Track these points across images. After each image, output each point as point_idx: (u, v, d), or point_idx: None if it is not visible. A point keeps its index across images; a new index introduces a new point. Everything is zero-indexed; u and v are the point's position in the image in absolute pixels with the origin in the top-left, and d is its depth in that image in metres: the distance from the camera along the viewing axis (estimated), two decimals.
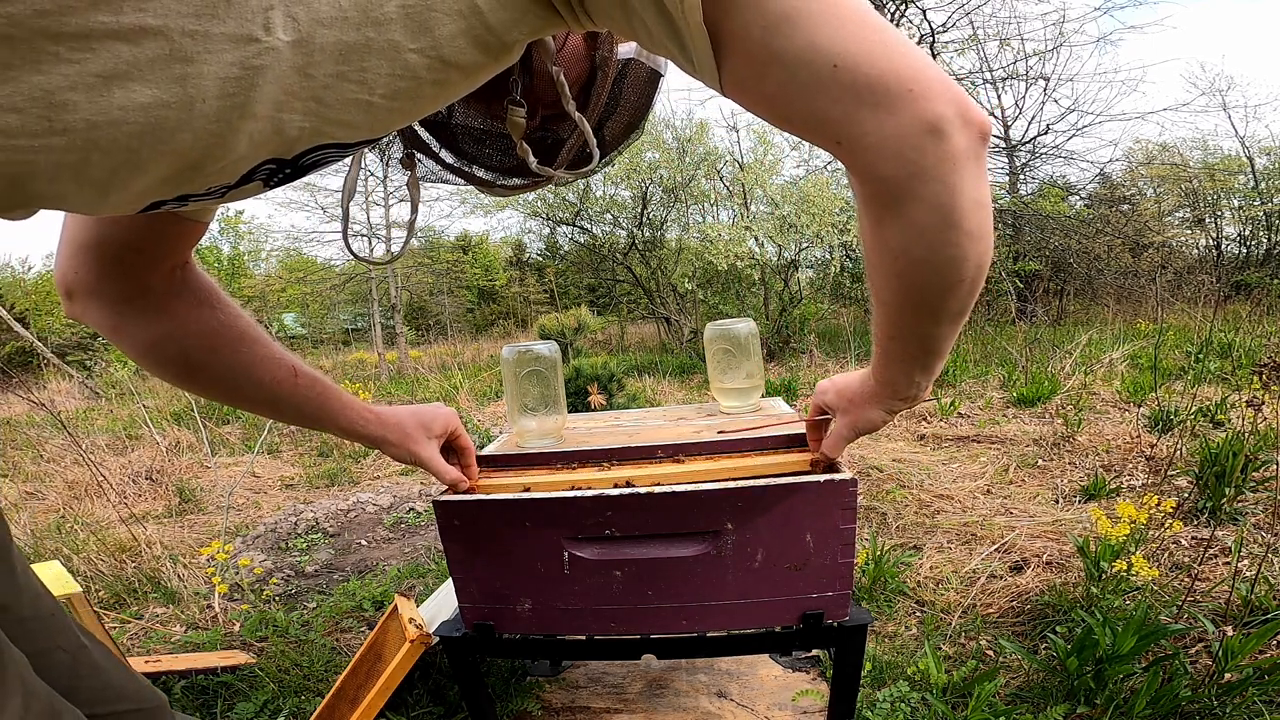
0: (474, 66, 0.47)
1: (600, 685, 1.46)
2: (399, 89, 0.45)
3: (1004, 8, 10.26)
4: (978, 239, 0.52)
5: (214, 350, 0.74)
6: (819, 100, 0.47)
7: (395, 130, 0.53)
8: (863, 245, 0.58)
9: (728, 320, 1.39)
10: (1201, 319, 6.78)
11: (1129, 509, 1.72)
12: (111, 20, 0.33)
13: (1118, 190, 12.85)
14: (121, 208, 0.44)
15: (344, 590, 2.13)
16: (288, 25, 0.38)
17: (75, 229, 0.66)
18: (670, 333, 9.68)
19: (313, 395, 0.83)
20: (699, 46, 0.47)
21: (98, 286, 0.68)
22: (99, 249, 0.66)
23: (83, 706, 0.80)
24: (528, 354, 1.27)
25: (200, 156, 0.41)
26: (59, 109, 0.34)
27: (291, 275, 15.80)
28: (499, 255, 21.70)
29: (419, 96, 0.46)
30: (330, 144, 0.47)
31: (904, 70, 0.46)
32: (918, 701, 1.36)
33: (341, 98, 0.43)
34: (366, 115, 0.45)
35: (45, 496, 3.45)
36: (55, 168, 0.36)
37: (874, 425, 0.82)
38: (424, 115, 0.51)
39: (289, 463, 4.24)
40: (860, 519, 2.49)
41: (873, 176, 0.49)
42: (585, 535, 0.93)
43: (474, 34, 0.45)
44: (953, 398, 4.33)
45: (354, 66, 0.42)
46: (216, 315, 0.74)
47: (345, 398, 0.87)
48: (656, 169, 8.59)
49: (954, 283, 0.55)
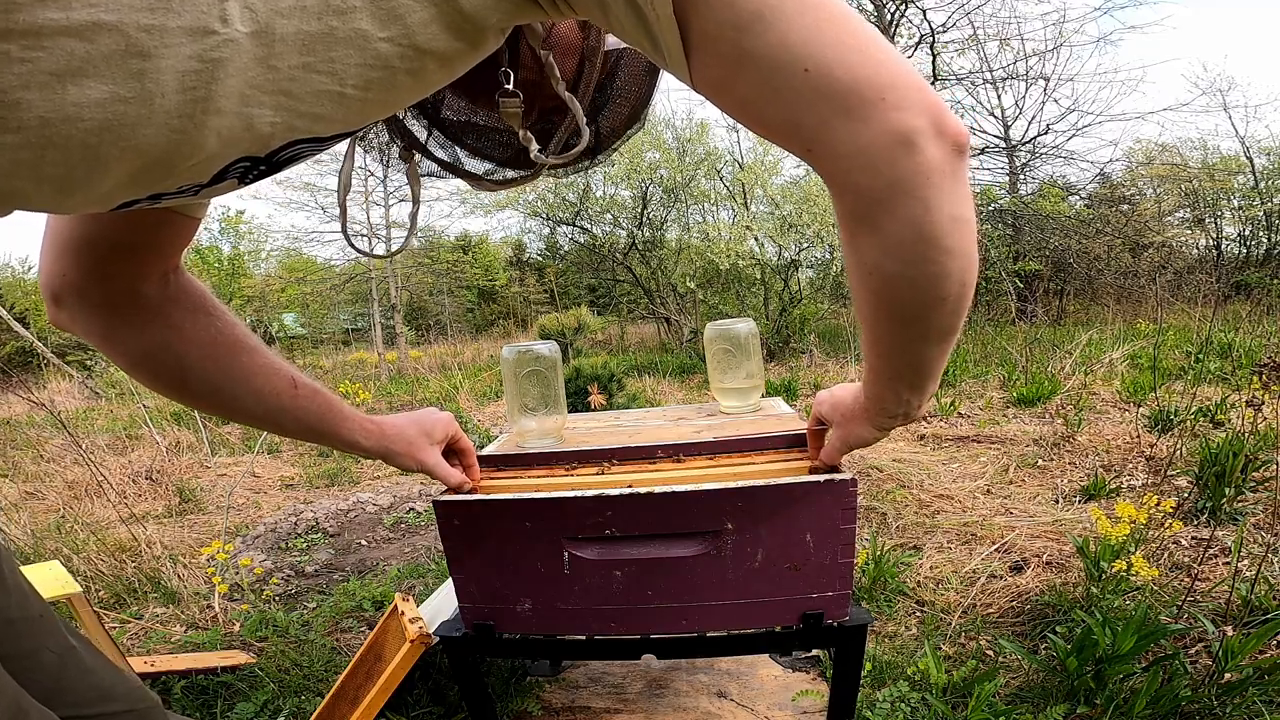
0: (451, 54, 0.46)
1: (600, 685, 1.46)
2: (372, 79, 0.44)
3: (1004, 8, 10.26)
4: (958, 256, 0.50)
5: (211, 359, 0.72)
6: (791, 105, 0.45)
7: (373, 121, 0.52)
8: (844, 261, 0.56)
9: (728, 320, 1.39)
10: (1201, 319, 6.78)
11: (1129, 509, 1.72)
12: (61, 17, 0.33)
13: (1118, 190, 12.85)
14: (89, 206, 0.44)
15: (344, 590, 2.13)
16: (245, 16, 0.37)
17: (59, 229, 0.63)
18: (670, 333, 9.68)
19: (313, 407, 0.81)
20: (669, 42, 0.45)
21: (86, 289, 0.65)
22: (87, 249, 0.63)
23: (71, 708, 0.80)
24: (528, 354, 1.27)
25: (167, 154, 0.40)
26: (11, 107, 0.34)
27: (291, 275, 15.80)
28: (499, 255, 21.69)
29: (394, 86, 0.45)
30: (305, 139, 0.46)
31: (878, 77, 0.44)
32: (918, 701, 1.36)
33: (311, 90, 0.42)
34: (340, 107, 0.44)
35: (45, 496, 3.45)
36: (12, 165, 0.36)
37: (864, 441, 0.80)
38: (404, 105, 0.50)
39: (289, 463, 4.24)
40: (860, 519, 2.49)
41: (846, 187, 0.48)
42: (585, 535, 0.93)
43: (447, 20, 0.44)
44: (953, 398, 4.33)
45: (320, 57, 0.41)
46: (213, 322, 0.72)
47: (346, 409, 0.85)
48: (656, 169, 8.59)
49: (935, 300, 0.52)
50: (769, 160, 8.40)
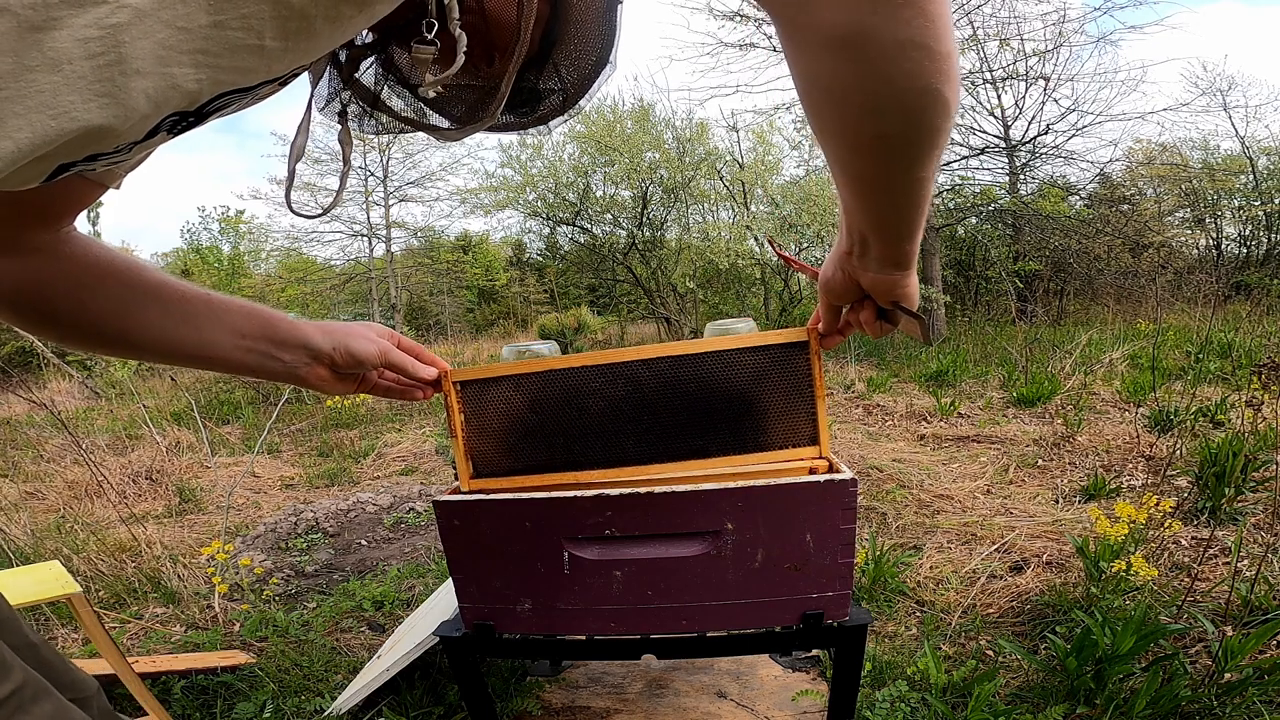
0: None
1: (600, 685, 1.46)
2: (290, 30, 0.44)
3: (1004, 8, 10.24)
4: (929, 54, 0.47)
5: (104, 278, 0.68)
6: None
7: (298, 67, 0.52)
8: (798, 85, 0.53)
9: (727, 320, 1.39)
10: (1201, 319, 6.78)
11: (1128, 509, 1.72)
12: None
13: (1118, 190, 12.85)
14: (29, 172, 0.45)
15: (344, 590, 2.13)
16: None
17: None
18: (670, 332, 9.68)
19: (240, 305, 0.77)
20: None
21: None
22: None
23: None
24: (528, 354, 1.27)
25: (103, 117, 0.42)
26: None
27: (291, 275, 15.82)
28: (499, 255, 21.70)
29: (314, 34, 0.46)
30: (230, 90, 0.47)
31: None
32: (917, 701, 1.36)
33: (228, 46, 0.43)
34: (261, 59, 0.45)
35: (45, 496, 3.46)
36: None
37: (833, 284, 0.75)
38: (331, 48, 0.51)
39: (289, 463, 4.24)
40: (860, 519, 2.49)
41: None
42: (585, 535, 0.93)
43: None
44: (953, 398, 4.33)
45: (231, 15, 0.42)
46: (106, 255, 0.69)
47: (276, 313, 0.80)
48: (656, 169, 8.60)
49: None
50: (769, 160, 8.42)
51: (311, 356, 0.81)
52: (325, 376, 0.84)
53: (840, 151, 0.57)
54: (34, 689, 0.70)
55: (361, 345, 0.84)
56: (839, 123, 0.53)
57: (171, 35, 0.41)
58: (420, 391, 0.95)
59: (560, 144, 9.14)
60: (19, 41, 0.37)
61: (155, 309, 0.72)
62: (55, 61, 0.39)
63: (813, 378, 0.94)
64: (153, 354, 0.75)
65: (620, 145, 8.33)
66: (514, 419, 1.00)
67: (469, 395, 1.00)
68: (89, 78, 0.40)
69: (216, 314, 0.76)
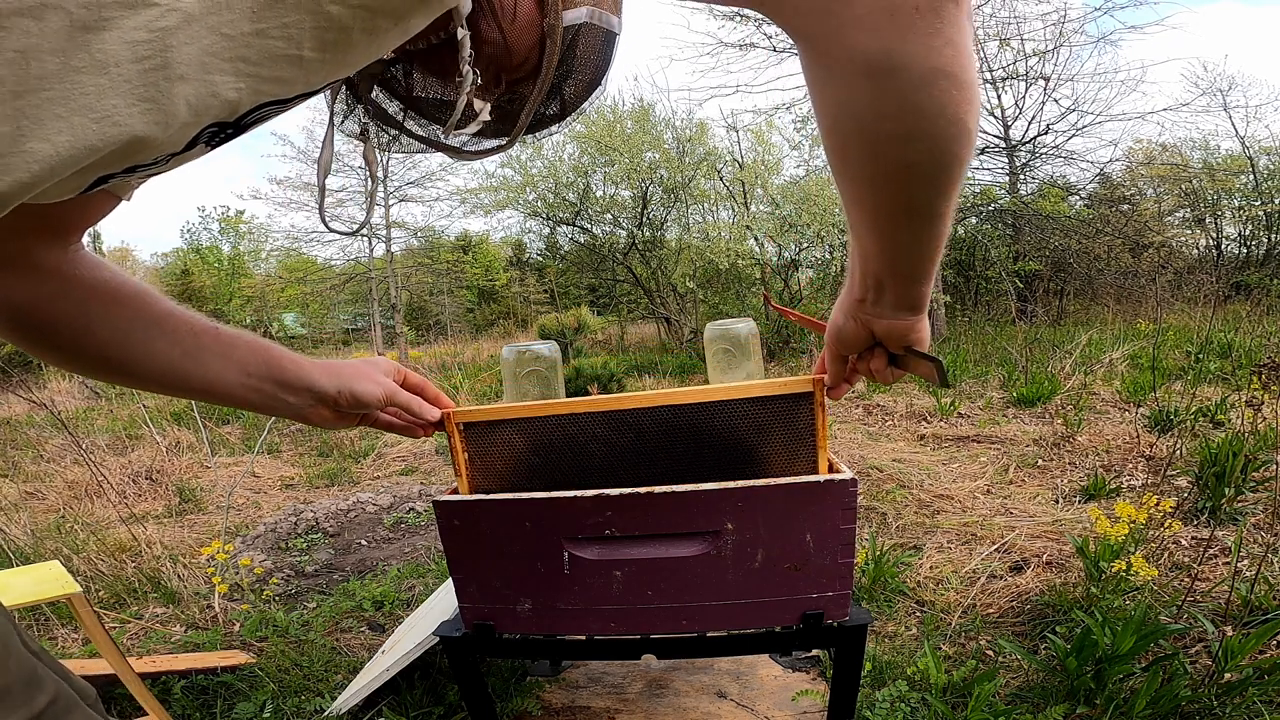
0: (403, 12, 0.47)
1: (600, 685, 1.46)
2: (328, 41, 0.45)
3: (1004, 8, 10.24)
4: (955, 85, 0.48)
5: (111, 304, 0.67)
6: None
7: (334, 80, 0.53)
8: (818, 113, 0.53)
9: (728, 320, 1.39)
10: (1201, 319, 6.79)
11: (1128, 509, 1.72)
12: (15, 1, 0.35)
13: (1118, 190, 12.85)
14: (71, 183, 0.44)
15: (344, 590, 2.13)
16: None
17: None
18: (670, 332, 9.69)
19: (246, 349, 0.75)
20: None
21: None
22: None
23: None
24: (528, 354, 1.27)
25: (145, 124, 0.42)
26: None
27: (291, 275, 15.83)
28: (499, 255, 21.71)
29: (351, 46, 0.47)
30: (269, 101, 0.47)
31: None
32: (917, 701, 1.37)
33: (269, 55, 0.43)
34: (300, 70, 0.46)
35: (45, 496, 3.46)
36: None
37: (844, 333, 0.75)
38: (366, 62, 0.51)
39: (289, 463, 4.24)
40: (860, 519, 2.49)
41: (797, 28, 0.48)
42: (585, 535, 0.93)
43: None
44: (953, 398, 4.33)
45: (273, 24, 0.42)
46: (114, 278, 0.67)
47: (284, 350, 0.78)
48: (656, 169, 8.60)
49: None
50: (769, 160, 8.42)
51: (316, 399, 0.80)
52: (328, 416, 0.83)
53: (864, 184, 0.57)
54: (66, 702, 0.70)
55: (366, 388, 0.83)
56: (868, 150, 0.53)
57: (215, 42, 0.41)
58: (422, 430, 0.94)
59: (560, 144, 9.15)
60: (68, 41, 0.37)
61: (162, 340, 0.70)
62: (103, 64, 0.38)
63: (815, 428, 0.94)
64: (157, 385, 0.73)
65: (620, 145, 8.33)
66: (517, 460, 1.00)
67: (473, 436, 0.99)
68: (134, 81, 0.40)
69: (224, 349, 0.74)
